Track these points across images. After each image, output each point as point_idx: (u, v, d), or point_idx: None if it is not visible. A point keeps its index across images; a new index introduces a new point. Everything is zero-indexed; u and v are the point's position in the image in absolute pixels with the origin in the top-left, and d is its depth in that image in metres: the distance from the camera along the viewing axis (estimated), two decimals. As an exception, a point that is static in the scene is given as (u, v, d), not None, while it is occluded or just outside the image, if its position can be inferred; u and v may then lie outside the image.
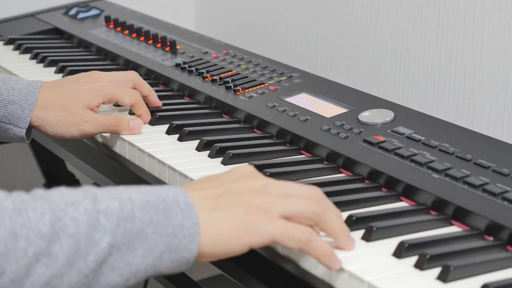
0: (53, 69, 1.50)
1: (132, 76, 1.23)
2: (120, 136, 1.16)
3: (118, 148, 1.16)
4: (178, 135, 1.17)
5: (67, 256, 0.72)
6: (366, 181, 1.03)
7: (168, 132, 1.18)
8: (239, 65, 1.42)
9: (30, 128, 1.17)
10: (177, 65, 1.44)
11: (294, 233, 0.79)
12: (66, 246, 0.72)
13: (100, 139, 1.21)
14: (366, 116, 1.15)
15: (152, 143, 1.13)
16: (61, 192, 0.76)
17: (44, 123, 1.15)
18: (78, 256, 0.73)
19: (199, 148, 1.12)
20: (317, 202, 0.82)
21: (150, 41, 1.58)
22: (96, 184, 1.28)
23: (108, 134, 1.18)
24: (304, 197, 0.82)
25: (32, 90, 1.15)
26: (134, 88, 1.23)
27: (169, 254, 0.77)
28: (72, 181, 1.89)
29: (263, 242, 0.79)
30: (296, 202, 0.81)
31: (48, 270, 0.72)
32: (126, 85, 1.22)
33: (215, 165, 1.07)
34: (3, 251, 0.70)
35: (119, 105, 1.28)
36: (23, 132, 1.15)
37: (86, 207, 0.74)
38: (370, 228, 0.87)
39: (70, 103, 1.15)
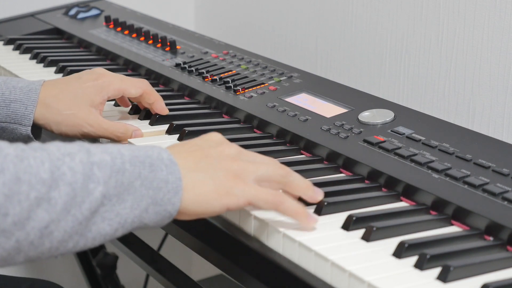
0: (53, 69, 1.50)
1: (141, 84, 1.20)
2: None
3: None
4: (178, 135, 1.17)
5: (65, 202, 0.77)
6: (366, 181, 1.03)
7: (168, 132, 1.18)
8: (239, 65, 1.42)
9: (37, 127, 1.17)
10: (177, 65, 1.44)
11: (267, 196, 0.87)
12: (64, 193, 0.77)
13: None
14: (366, 116, 1.15)
15: (152, 143, 1.13)
16: (57, 145, 0.80)
17: (48, 121, 1.14)
18: (74, 203, 0.77)
19: (199, 148, 1.12)
20: (282, 166, 0.91)
21: (150, 41, 1.58)
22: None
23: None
24: (269, 163, 0.91)
25: (34, 87, 1.15)
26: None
27: (154, 206, 0.82)
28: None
29: (240, 204, 0.87)
30: (266, 167, 0.89)
31: (47, 214, 0.76)
32: (129, 77, 1.21)
33: (215, 165, 1.07)
34: (8, 193, 0.74)
35: (118, 105, 1.28)
36: (28, 130, 1.14)
37: (81, 158, 0.79)
38: (370, 228, 0.87)
39: (74, 101, 1.14)
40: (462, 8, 1.44)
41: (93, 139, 1.21)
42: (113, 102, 1.30)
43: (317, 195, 0.92)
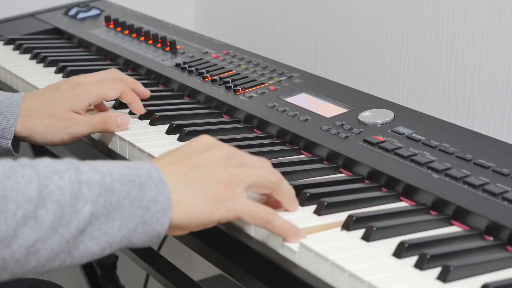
0: (53, 69, 1.50)
1: (113, 74, 1.22)
2: (119, 135, 1.16)
3: (118, 148, 1.16)
4: (178, 135, 1.17)
5: (52, 221, 0.76)
6: (366, 181, 1.03)
7: (168, 132, 1.18)
8: (239, 65, 1.42)
9: (18, 140, 1.17)
10: (177, 65, 1.44)
11: (257, 213, 0.86)
12: (51, 212, 0.76)
13: (97, 137, 1.20)
14: (366, 116, 1.15)
15: (152, 143, 1.13)
16: (46, 162, 0.80)
17: (31, 132, 1.14)
18: (61, 222, 0.77)
19: (199, 148, 1.11)
20: (273, 172, 0.90)
21: (150, 41, 1.58)
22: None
23: (108, 134, 1.18)
24: (260, 167, 0.90)
25: (14, 101, 1.15)
26: None
27: (142, 226, 0.82)
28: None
29: (230, 218, 0.86)
30: (257, 173, 0.88)
31: (34, 233, 0.75)
32: (107, 81, 1.21)
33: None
34: None
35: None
36: (9, 143, 1.14)
37: (70, 177, 0.79)
38: (370, 228, 0.87)
39: (54, 108, 1.15)
40: (462, 8, 1.44)
41: (90, 137, 1.21)
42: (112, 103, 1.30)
43: (296, 206, 0.93)
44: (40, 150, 1.80)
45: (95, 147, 1.20)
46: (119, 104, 1.27)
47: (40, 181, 0.77)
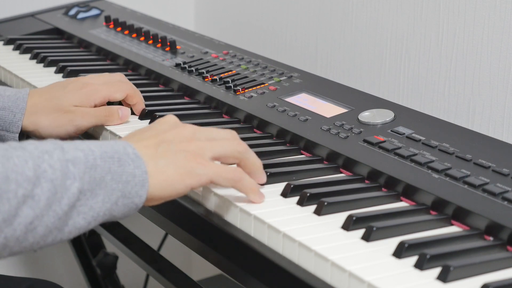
0: (53, 69, 1.50)
1: (119, 77, 1.25)
2: (119, 136, 1.15)
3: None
4: (178, 135, 1.17)
5: (47, 198, 0.80)
6: (366, 181, 1.03)
7: (168, 132, 1.18)
8: (239, 65, 1.42)
9: (23, 134, 1.19)
10: (177, 65, 1.44)
11: (227, 173, 0.91)
12: (46, 189, 0.80)
13: (98, 138, 1.21)
14: (366, 116, 1.15)
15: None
16: (33, 143, 0.83)
17: (37, 127, 1.17)
18: (55, 199, 0.81)
19: (199, 148, 1.12)
20: (239, 143, 0.95)
21: (150, 41, 1.58)
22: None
23: (108, 134, 1.18)
24: (227, 139, 0.94)
25: (21, 96, 1.18)
26: None
27: (123, 199, 0.86)
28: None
29: (202, 183, 0.91)
30: (222, 144, 0.93)
31: (32, 211, 0.80)
32: (114, 83, 1.23)
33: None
34: None
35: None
36: (16, 137, 1.17)
37: (58, 156, 0.83)
38: (370, 228, 0.87)
39: (61, 104, 1.17)
40: (462, 8, 1.44)
41: (86, 134, 1.21)
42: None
43: (264, 178, 0.98)
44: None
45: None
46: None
47: (33, 161, 0.81)
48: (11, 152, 0.80)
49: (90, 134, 1.22)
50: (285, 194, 0.97)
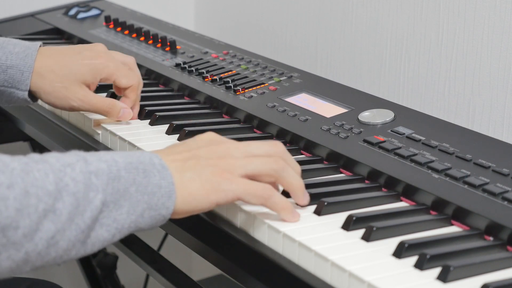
0: (53, 69, 1.50)
1: (129, 59, 1.23)
2: (119, 135, 1.15)
3: (118, 148, 1.16)
4: (178, 135, 1.17)
5: (69, 212, 0.79)
6: (366, 181, 1.03)
7: (168, 132, 1.18)
8: (239, 65, 1.42)
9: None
10: (177, 65, 1.44)
11: (255, 191, 0.87)
12: (68, 203, 0.79)
13: (99, 139, 1.21)
14: (366, 116, 1.15)
15: (152, 143, 1.13)
16: (55, 156, 0.82)
17: (40, 90, 1.16)
18: (77, 212, 0.79)
19: (199, 148, 1.11)
20: (276, 160, 0.90)
21: (150, 41, 1.58)
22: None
23: (108, 134, 1.18)
24: (265, 155, 0.90)
25: (30, 53, 1.17)
26: None
27: (149, 211, 0.84)
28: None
29: (229, 199, 0.87)
30: (257, 161, 0.89)
31: (53, 225, 0.78)
32: (124, 66, 1.22)
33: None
34: (19, 207, 0.76)
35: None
36: (25, 94, 1.17)
37: (81, 168, 0.81)
38: (370, 228, 0.87)
39: (67, 76, 1.16)
40: (462, 8, 1.44)
41: (85, 134, 1.21)
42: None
43: (305, 198, 0.93)
44: (40, 151, 1.80)
45: (94, 148, 1.20)
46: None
47: (55, 174, 0.79)
48: (32, 166, 0.79)
49: (89, 133, 1.21)
50: (285, 194, 0.97)
